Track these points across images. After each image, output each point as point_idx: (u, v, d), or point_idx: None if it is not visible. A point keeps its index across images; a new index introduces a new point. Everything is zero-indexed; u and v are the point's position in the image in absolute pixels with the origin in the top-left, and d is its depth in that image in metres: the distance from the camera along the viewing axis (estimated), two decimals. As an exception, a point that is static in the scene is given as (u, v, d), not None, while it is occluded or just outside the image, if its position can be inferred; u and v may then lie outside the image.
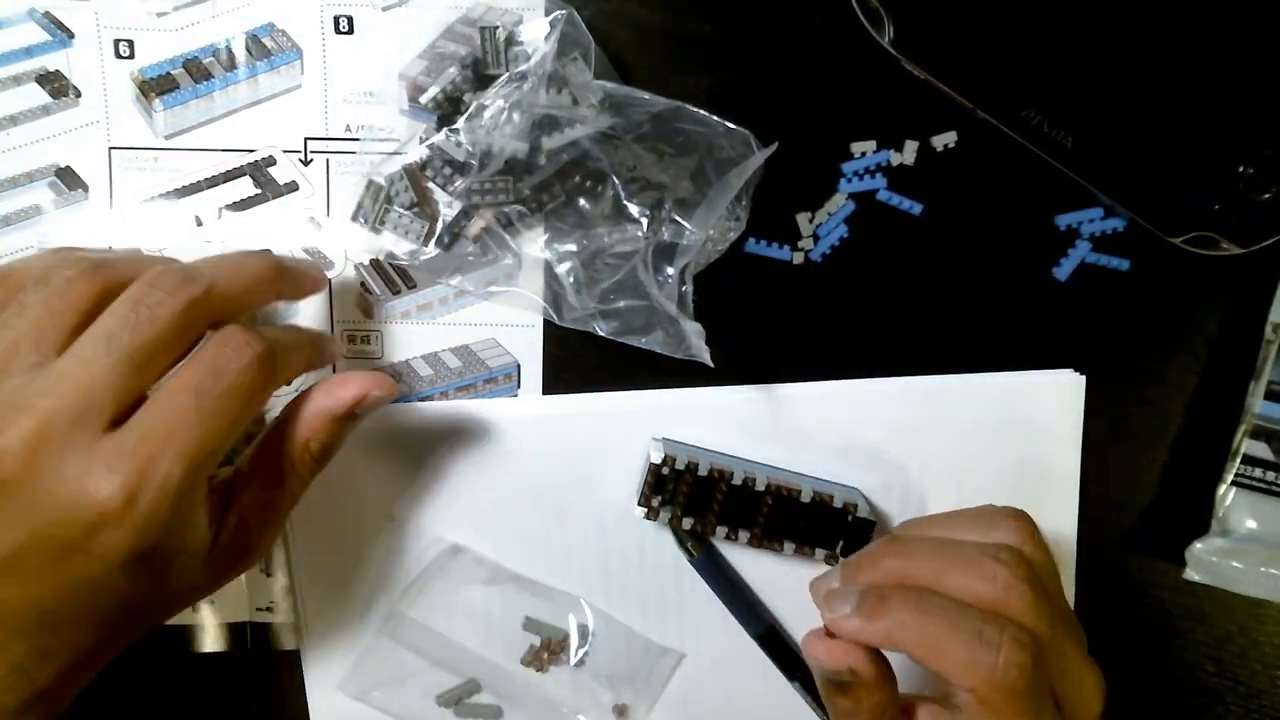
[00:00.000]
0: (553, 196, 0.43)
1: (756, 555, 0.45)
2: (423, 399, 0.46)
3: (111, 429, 0.32)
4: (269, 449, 0.38)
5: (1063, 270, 0.45)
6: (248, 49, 0.44)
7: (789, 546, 0.44)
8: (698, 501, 0.43)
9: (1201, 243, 0.43)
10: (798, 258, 0.45)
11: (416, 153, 0.43)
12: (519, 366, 0.46)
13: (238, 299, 0.36)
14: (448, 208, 0.44)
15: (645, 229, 0.43)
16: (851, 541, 0.43)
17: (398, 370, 0.45)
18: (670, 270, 0.43)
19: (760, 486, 0.43)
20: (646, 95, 0.42)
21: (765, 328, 0.46)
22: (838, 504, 0.43)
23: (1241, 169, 0.42)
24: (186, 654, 0.47)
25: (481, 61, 0.42)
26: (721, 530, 0.43)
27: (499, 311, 0.45)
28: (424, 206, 0.44)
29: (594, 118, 0.41)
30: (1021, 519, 0.38)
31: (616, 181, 0.43)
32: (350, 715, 0.47)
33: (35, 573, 0.32)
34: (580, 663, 0.47)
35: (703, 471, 0.43)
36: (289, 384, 0.39)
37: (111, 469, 0.31)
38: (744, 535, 0.43)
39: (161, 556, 0.33)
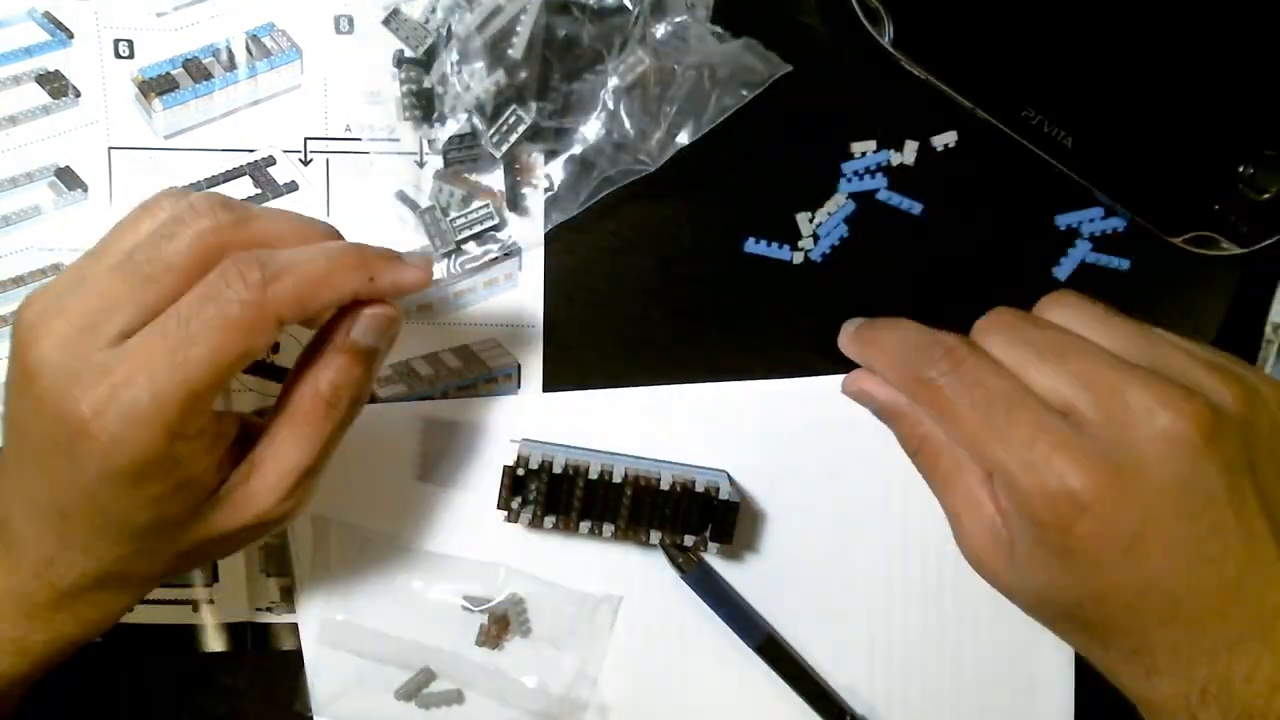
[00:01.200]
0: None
1: (725, 563, 0.46)
2: (422, 399, 0.46)
3: (119, 344, 0.32)
4: (288, 393, 0.36)
5: (1063, 270, 0.45)
6: (248, 49, 0.44)
7: (655, 535, 0.43)
8: (557, 499, 0.42)
9: (1201, 243, 0.43)
10: (797, 257, 0.45)
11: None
12: (519, 366, 0.46)
13: (273, 240, 0.33)
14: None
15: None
16: (719, 525, 0.43)
17: (398, 369, 0.46)
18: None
19: (618, 478, 0.42)
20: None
21: (765, 327, 0.46)
22: (700, 488, 0.43)
23: (1241, 169, 0.42)
24: (187, 654, 0.47)
25: None
26: (585, 525, 0.43)
27: (499, 311, 0.45)
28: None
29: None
30: (1063, 297, 0.37)
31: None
32: (351, 716, 0.47)
33: (49, 465, 0.33)
34: (527, 631, 0.47)
35: (558, 469, 0.42)
36: (312, 316, 0.34)
37: (89, 384, 0.31)
38: (608, 529, 0.43)
39: (144, 479, 0.32)
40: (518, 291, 0.45)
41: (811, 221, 0.45)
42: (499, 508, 0.43)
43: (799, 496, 0.46)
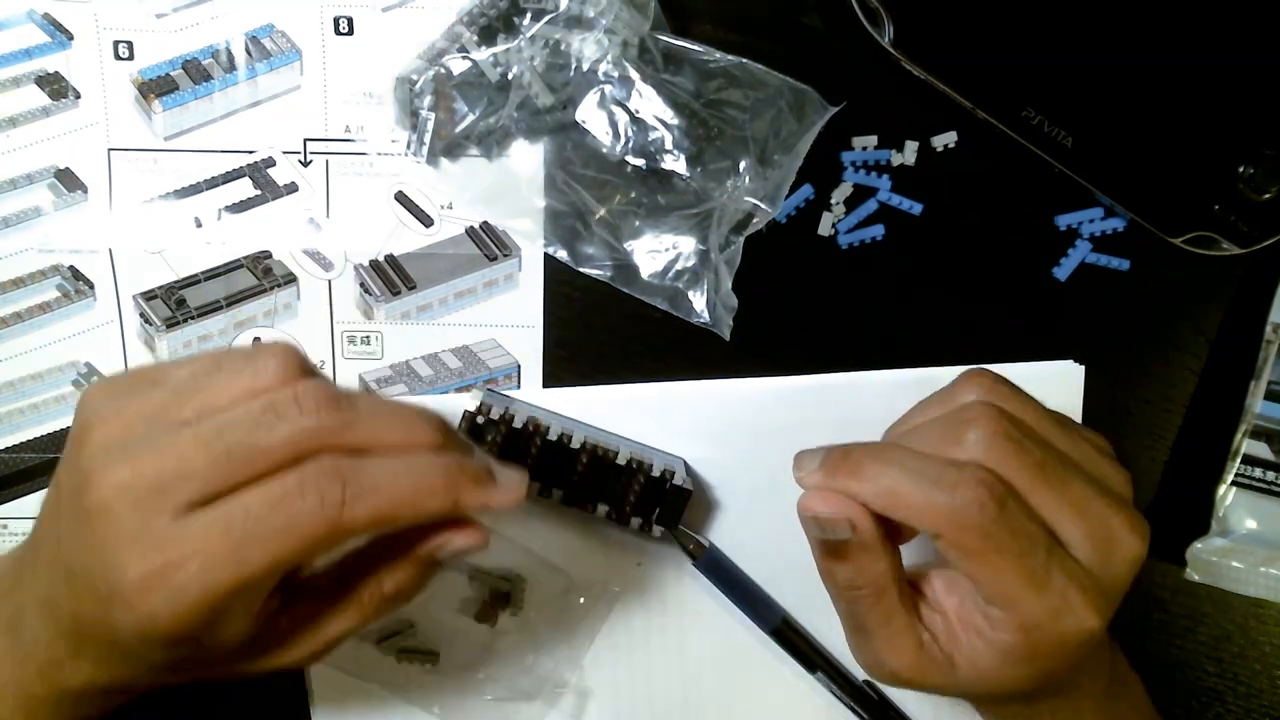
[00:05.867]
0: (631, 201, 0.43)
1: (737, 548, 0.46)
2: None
3: (182, 516, 0.30)
4: (344, 569, 0.36)
5: (1063, 270, 0.45)
6: (247, 50, 0.44)
7: (602, 508, 0.43)
8: (512, 454, 0.42)
9: (1201, 243, 0.43)
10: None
11: (452, 63, 0.41)
12: (519, 367, 0.46)
13: (374, 445, 0.32)
14: (460, 120, 0.43)
15: (716, 199, 0.42)
16: (667, 509, 0.43)
17: (398, 370, 0.46)
18: (732, 235, 0.43)
19: (576, 444, 0.42)
20: (701, 48, 0.37)
21: (767, 324, 0.46)
22: (655, 471, 0.43)
23: (1241, 169, 0.42)
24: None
25: None
26: (535, 486, 0.42)
27: (499, 311, 0.45)
28: (442, 112, 0.43)
29: (649, 73, 0.37)
30: (981, 377, 0.37)
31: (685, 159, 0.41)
32: (353, 717, 0.47)
33: (80, 595, 0.32)
34: (520, 609, 0.46)
35: (518, 423, 0.41)
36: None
37: (145, 555, 0.30)
38: (556, 493, 0.42)
39: (181, 646, 0.32)
40: (518, 291, 0.45)
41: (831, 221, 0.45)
42: None
43: (799, 492, 0.46)
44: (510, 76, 0.39)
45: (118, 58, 0.44)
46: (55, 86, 0.44)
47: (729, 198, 0.42)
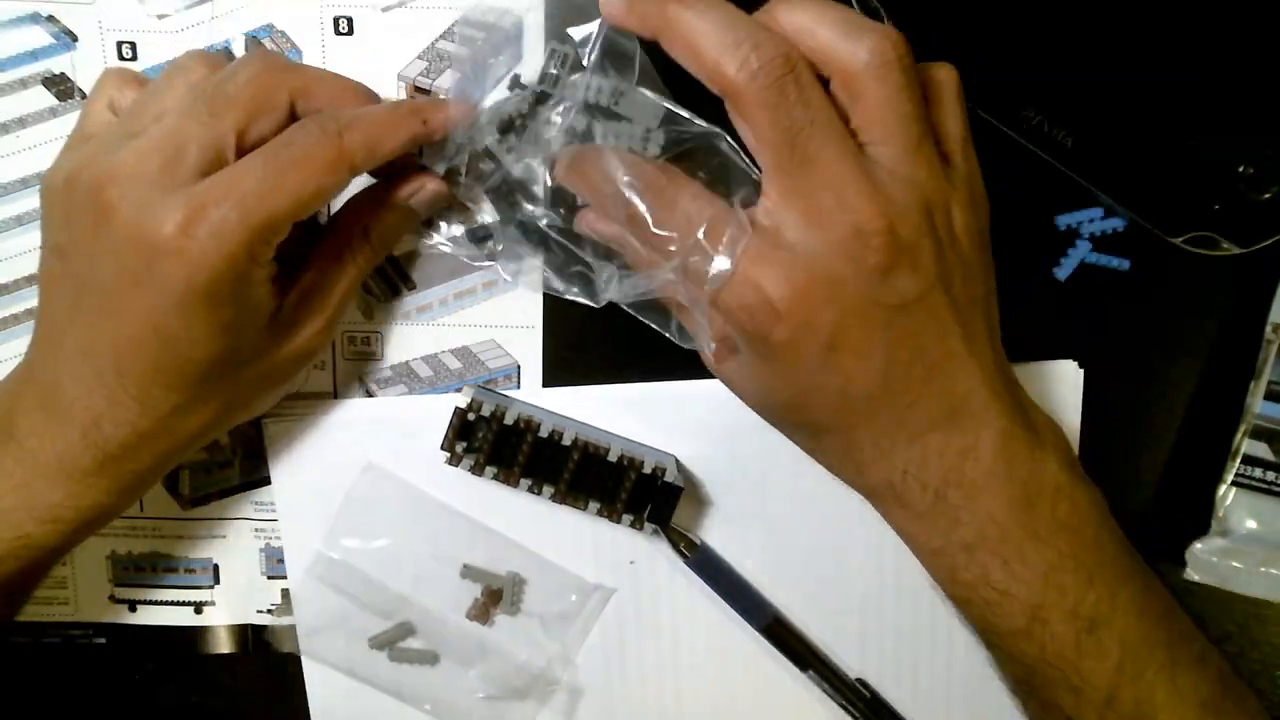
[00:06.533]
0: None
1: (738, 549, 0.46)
2: (424, 399, 0.46)
3: (197, 179, 0.34)
4: (330, 231, 0.40)
5: (1063, 270, 0.45)
6: (248, 50, 0.44)
7: (593, 505, 0.43)
8: (502, 451, 0.42)
9: (1201, 243, 0.43)
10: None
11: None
12: (519, 367, 0.46)
13: (323, 92, 0.37)
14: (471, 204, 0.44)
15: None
16: (658, 507, 0.43)
17: (397, 371, 0.46)
18: None
19: (567, 441, 0.42)
20: (687, 114, 0.38)
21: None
22: (647, 469, 0.43)
23: (1241, 169, 0.42)
24: (189, 656, 0.47)
25: (548, 78, 0.39)
26: (525, 483, 0.43)
27: (498, 313, 0.45)
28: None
29: (643, 135, 0.38)
30: (888, 41, 0.34)
31: None
32: (327, 655, 0.48)
33: (117, 305, 0.35)
34: (516, 608, 0.47)
35: (509, 420, 0.42)
36: (379, 163, 0.38)
37: (176, 208, 0.34)
38: (548, 490, 0.43)
39: (220, 301, 0.35)
40: (518, 291, 0.45)
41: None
42: (442, 448, 0.42)
43: (793, 491, 0.46)
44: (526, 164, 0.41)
45: (121, 58, 0.44)
46: (61, 88, 0.44)
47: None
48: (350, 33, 0.44)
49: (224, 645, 0.48)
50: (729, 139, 0.36)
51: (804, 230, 0.33)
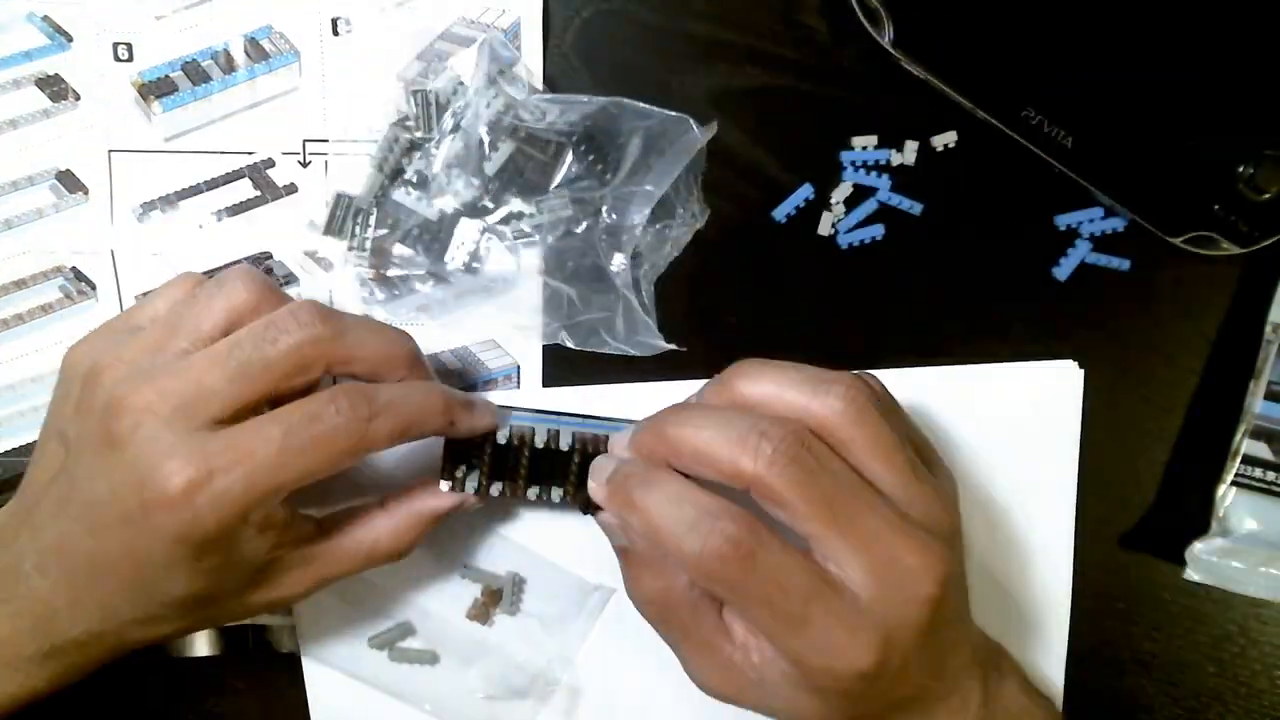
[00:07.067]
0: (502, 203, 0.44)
1: None
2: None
3: (212, 429, 0.34)
4: (347, 517, 0.40)
5: (1063, 270, 0.45)
6: (246, 51, 0.44)
7: (594, 508, 0.41)
8: (503, 465, 0.41)
9: (1201, 243, 0.43)
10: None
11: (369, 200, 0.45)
12: (518, 367, 0.46)
13: (365, 358, 0.37)
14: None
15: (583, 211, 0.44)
16: None
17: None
18: (621, 256, 0.44)
19: (564, 445, 0.42)
20: (585, 97, 0.41)
21: (766, 324, 0.46)
22: None
23: (1241, 169, 0.42)
24: (188, 656, 0.47)
25: (420, 118, 0.43)
26: (533, 492, 0.42)
27: (499, 312, 0.45)
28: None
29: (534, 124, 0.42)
30: (856, 385, 0.35)
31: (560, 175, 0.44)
32: (327, 655, 0.47)
33: (104, 526, 0.34)
34: (516, 608, 0.47)
35: (500, 440, 0.41)
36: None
37: (185, 462, 0.33)
38: (557, 493, 0.42)
39: (206, 552, 0.34)
40: (518, 292, 0.45)
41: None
42: (442, 478, 0.41)
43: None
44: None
45: (117, 59, 0.44)
46: (55, 89, 0.44)
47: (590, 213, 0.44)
48: (349, 33, 0.44)
49: (223, 645, 0.47)
50: (624, 100, 0.40)
51: (872, 590, 0.34)
